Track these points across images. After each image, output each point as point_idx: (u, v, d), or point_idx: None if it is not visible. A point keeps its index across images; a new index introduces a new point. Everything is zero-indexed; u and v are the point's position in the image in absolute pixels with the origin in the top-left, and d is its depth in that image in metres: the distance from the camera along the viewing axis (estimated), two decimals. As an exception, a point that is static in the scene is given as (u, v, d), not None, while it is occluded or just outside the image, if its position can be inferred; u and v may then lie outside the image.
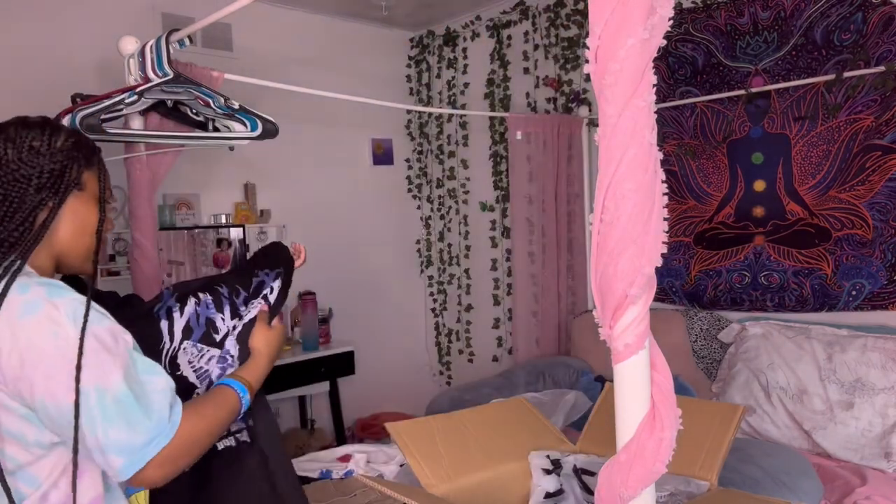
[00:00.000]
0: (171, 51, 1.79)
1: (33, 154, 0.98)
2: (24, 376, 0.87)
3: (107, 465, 0.89)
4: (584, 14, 3.25)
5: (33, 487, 0.91)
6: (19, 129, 1.00)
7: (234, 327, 1.28)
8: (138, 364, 0.94)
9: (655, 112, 0.71)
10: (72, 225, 1.02)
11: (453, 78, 3.99)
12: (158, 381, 0.94)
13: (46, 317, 0.88)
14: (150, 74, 1.79)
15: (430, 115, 4.12)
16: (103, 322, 0.92)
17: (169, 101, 1.90)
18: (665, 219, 0.72)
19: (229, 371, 1.23)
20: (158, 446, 0.89)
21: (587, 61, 0.71)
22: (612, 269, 0.71)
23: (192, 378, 1.23)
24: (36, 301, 0.89)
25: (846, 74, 2.42)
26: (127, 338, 0.95)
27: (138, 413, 0.89)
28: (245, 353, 1.25)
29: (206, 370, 1.24)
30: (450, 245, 4.10)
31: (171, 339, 1.23)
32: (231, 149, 2.69)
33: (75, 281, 1.11)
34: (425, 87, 4.15)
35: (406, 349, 4.19)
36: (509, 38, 3.67)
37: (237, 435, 1.24)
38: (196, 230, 3.21)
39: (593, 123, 3.31)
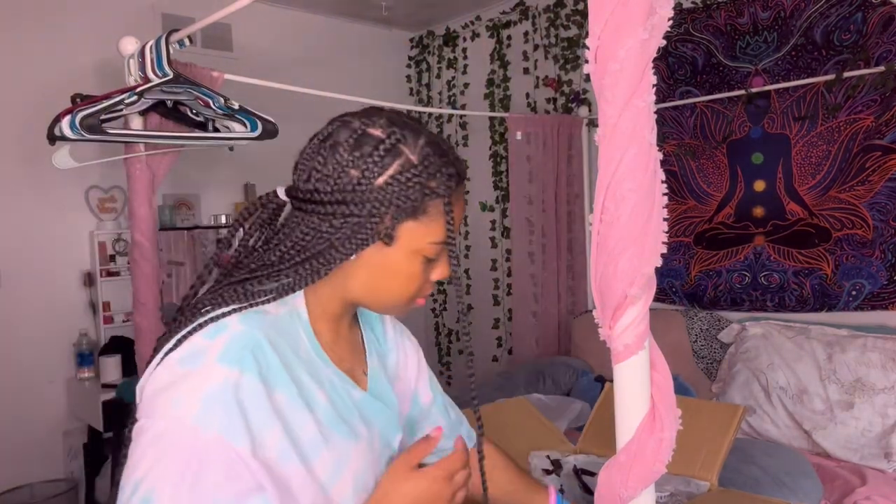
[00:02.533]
0: (171, 51, 1.79)
1: None
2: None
3: None
4: (584, 14, 3.25)
5: None
6: None
7: None
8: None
9: (655, 112, 0.71)
10: None
11: (453, 78, 3.99)
12: None
13: (189, 378, 0.72)
14: (150, 75, 1.79)
15: (430, 115, 4.12)
16: (237, 444, 0.70)
17: (169, 102, 1.90)
18: (665, 219, 0.72)
19: None
20: None
21: (587, 61, 0.71)
22: (611, 270, 0.71)
23: None
24: (200, 354, 0.74)
25: (846, 74, 2.42)
26: (252, 496, 0.69)
27: None
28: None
29: None
30: (450, 245, 4.10)
31: None
32: (231, 149, 2.69)
33: None
34: (425, 87, 4.15)
35: (406, 349, 4.19)
36: (509, 38, 3.67)
37: None
38: (196, 230, 3.21)
39: (593, 123, 3.31)
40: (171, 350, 0.75)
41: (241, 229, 0.85)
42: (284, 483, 0.73)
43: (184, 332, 0.76)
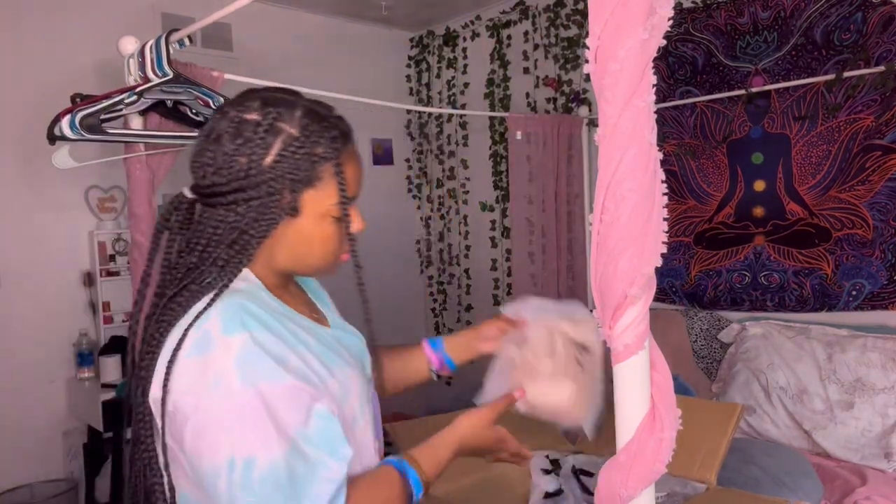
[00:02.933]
0: (171, 51, 1.79)
1: None
2: (176, 429, 0.77)
3: None
4: (584, 14, 3.25)
5: None
6: None
7: None
8: (314, 438, 0.78)
9: (655, 112, 0.71)
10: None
11: (453, 78, 3.99)
12: (333, 465, 0.78)
13: (211, 359, 0.76)
14: (150, 74, 1.79)
15: (430, 115, 4.12)
16: (282, 378, 0.77)
17: (169, 102, 1.90)
18: (665, 219, 0.72)
19: None
20: None
21: (587, 61, 0.71)
22: (611, 270, 0.71)
23: None
24: (205, 338, 0.78)
25: (846, 74, 2.42)
26: (315, 404, 0.80)
27: (288, 499, 0.73)
28: None
29: None
30: (450, 245, 4.10)
31: None
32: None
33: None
34: (425, 87, 4.15)
35: (406, 349, 4.19)
36: (509, 37, 3.67)
37: None
38: (196, 230, 3.21)
39: (593, 123, 3.31)
40: (170, 362, 0.79)
41: (163, 236, 0.90)
42: (324, 391, 0.83)
43: (173, 342, 0.80)
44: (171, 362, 0.78)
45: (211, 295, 0.82)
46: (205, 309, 0.80)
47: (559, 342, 1.06)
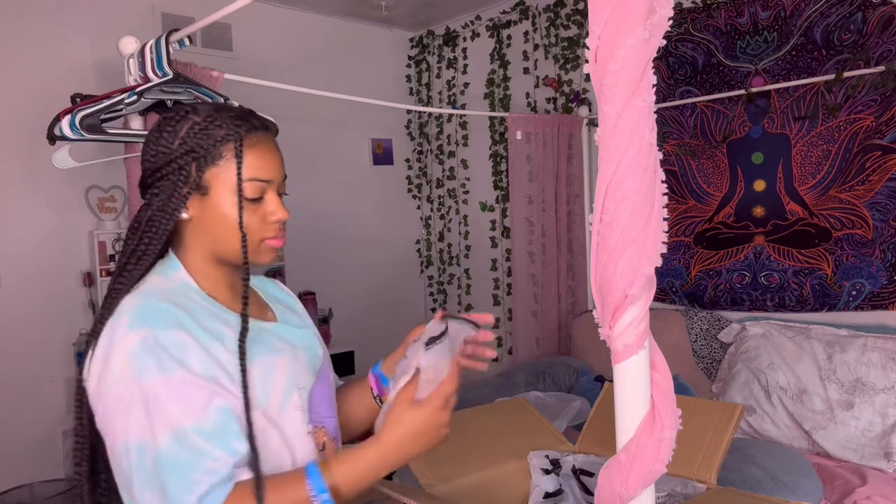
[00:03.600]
0: (171, 51, 1.79)
1: None
2: (97, 415, 0.87)
3: None
4: (584, 14, 3.25)
5: None
6: None
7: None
8: (206, 430, 0.82)
9: (655, 112, 0.71)
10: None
11: (453, 78, 3.99)
12: (220, 456, 0.82)
13: (113, 351, 0.84)
14: (150, 74, 1.79)
15: (430, 115, 4.12)
16: (172, 373, 0.82)
17: (169, 101, 1.90)
18: (665, 219, 0.72)
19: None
20: None
21: (587, 61, 0.71)
22: (612, 269, 0.71)
23: None
24: (113, 332, 0.86)
25: (846, 74, 2.42)
26: (214, 400, 0.84)
27: (166, 482, 0.80)
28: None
29: None
30: (450, 245, 4.10)
31: None
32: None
33: None
34: (425, 87, 4.15)
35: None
36: (509, 37, 3.67)
37: None
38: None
39: (593, 123, 3.31)
40: (92, 354, 0.88)
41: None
42: (225, 390, 0.86)
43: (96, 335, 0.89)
44: (92, 354, 0.88)
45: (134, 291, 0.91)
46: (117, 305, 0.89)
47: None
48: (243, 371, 0.87)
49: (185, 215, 0.94)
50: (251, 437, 0.85)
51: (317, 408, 0.99)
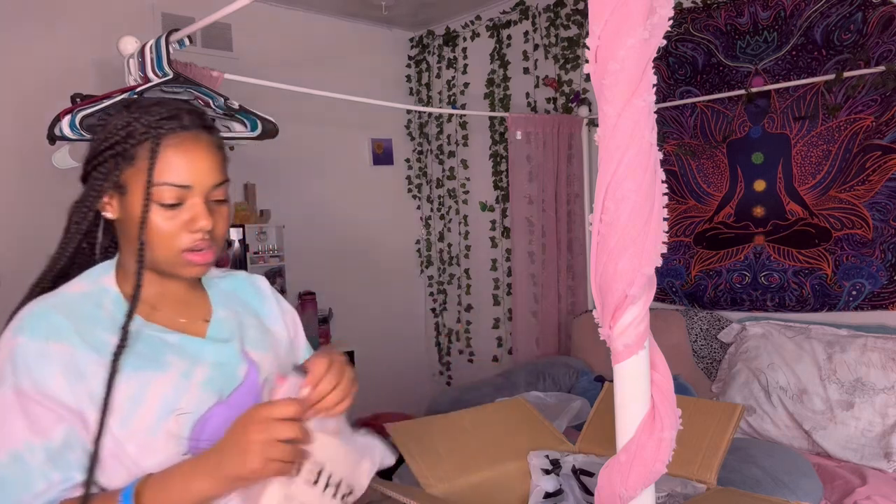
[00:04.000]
0: (171, 51, 1.79)
1: None
2: None
3: None
4: (584, 14, 3.25)
5: None
6: None
7: None
8: (50, 451, 0.80)
9: (655, 112, 0.71)
10: None
11: (453, 78, 3.99)
12: (55, 478, 0.80)
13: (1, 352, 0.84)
14: (150, 74, 1.79)
15: (430, 115, 4.12)
16: (31, 387, 0.81)
17: (169, 101, 1.90)
18: (665, 219, 0.72)
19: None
20: None
21: (587, 61, 0.71)
22: (612, 269, 0.71)
23: None
24: (8, 329, 0.87)
25: (846, 74, 2.42)
26: (61, 424, 0.81)
27: (6, 500, 0.79)
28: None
29: None
30: (450, 245, 4.10)
31: None
32: (231, 149, 2.68)
33: None
34: (425, 87, 4.15)
35: (406, 349, 4.19)
36: (509, 37, 3.67)
37: None
38: (196, 230, 3.21)
39: (593, 123, 3.31)
40: None
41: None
42: (80, 413, 0.82)
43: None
44: None
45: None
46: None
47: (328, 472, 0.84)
48: (108, 392, 0.81)
49: (109, 215, 0.90)
50: (91, 466, 0.80)
51: (209, 435, 0.87)
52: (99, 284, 0.91)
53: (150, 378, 0.86)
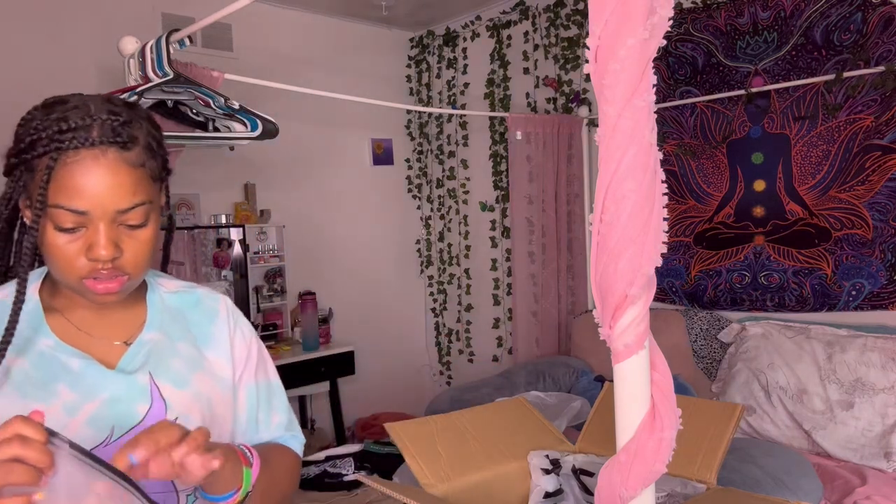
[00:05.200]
0: (172, 51, 1.79)
1: None
2: None
3: None
4: (584, 14, 3.25)
5: None
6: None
7: None
8: None
9: (655, 112, 0.71)
10: None
11: (453, 78, 3.99)
12: None
13: None
14: (151, 74, 1.80)
15: (430, 115, 4.12)
16: None
17: (169, 102, 1.91)
18: (665, 219, 0.72)
19: None
20: None
21: (587, 61, 0.71)
22: (612, 269, 0.71)
23: None
24: None
25: (846, 74, 2.42)
26: None
27: None
28: None
29: None
30: (450, 245, 4.10)
31: None
32: (231, 149, 2.69)
33: None
34: (425, 87, 4.15)
35: (406, 349, 4.19)
36: (509, 38, 3.67)
37: None
38: (196, 230, 3.21)
39: (593, 123, 3.31)
40: None
41: None
42: None
43: None
44: None
45: None
46: None
47: None
48: None
49: (26, 220, 0.82)
50: None
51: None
52: (3, 291, 0.86)
53: (30, 407, 0.74)
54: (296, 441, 1.06)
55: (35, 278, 0.88)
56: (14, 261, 0.90)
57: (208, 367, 0.94)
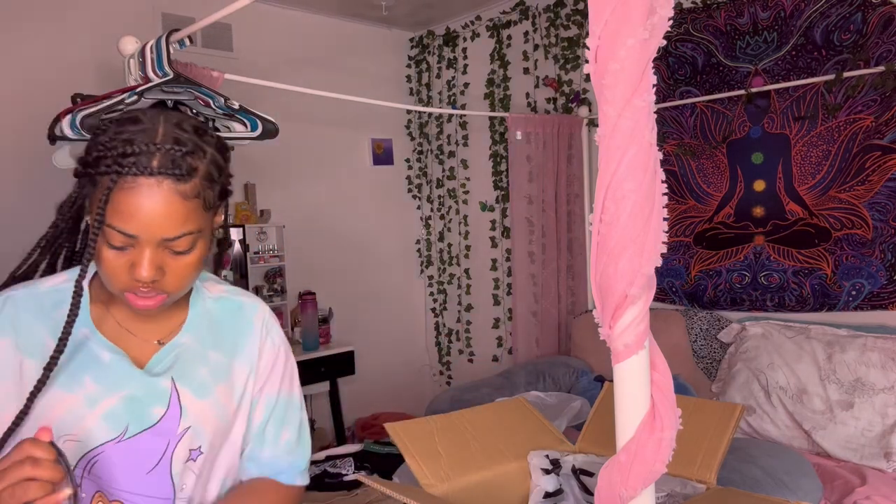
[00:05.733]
0: (172, 51, 1.79)
1: None
2: None
3: None
4: (584, 14, 3.25)
5: None
6: None
7: None
8: None
9: (655, 112, 0.71)
10: None
11: (453, 78, 3.99)
12: None
13: None
14: (150, 74, 1.79)
15: (430, 115, 4.12)
16: None
17: (169, 102, 1.90)
18: (665, 219, 0.72)
19: None
20: None
21: (587, 61, 0.71)
22: (612, 269, 0.71)
23: None
24: None
25: (846, 74, 2.42)
26: None
27: None
28: None
29: None
30: (450, 245, 4.10)
31: None
32: (231, 149, 2.68)
33: None
34: (425, 87, 4.15)
35: (406, 349, 4.19)
36: (509, 38, 3.67)
37: None
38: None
39: (593, 123, 3.31)
40: None
41: None
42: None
43: None
44: None
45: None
46: None
47: None
48: (28, 402, 0.79)
49: (89, 222, 0.86)
50: None
51: (107, 473, 0.84)
52: (70, 282, 0.88)
53: (56, 395, 0.84)
54: (293, 471, 1.05)
55: (92, 270, 0.92)
56: (80, 246, 0.97)
57: (232, 378, 0.97)
